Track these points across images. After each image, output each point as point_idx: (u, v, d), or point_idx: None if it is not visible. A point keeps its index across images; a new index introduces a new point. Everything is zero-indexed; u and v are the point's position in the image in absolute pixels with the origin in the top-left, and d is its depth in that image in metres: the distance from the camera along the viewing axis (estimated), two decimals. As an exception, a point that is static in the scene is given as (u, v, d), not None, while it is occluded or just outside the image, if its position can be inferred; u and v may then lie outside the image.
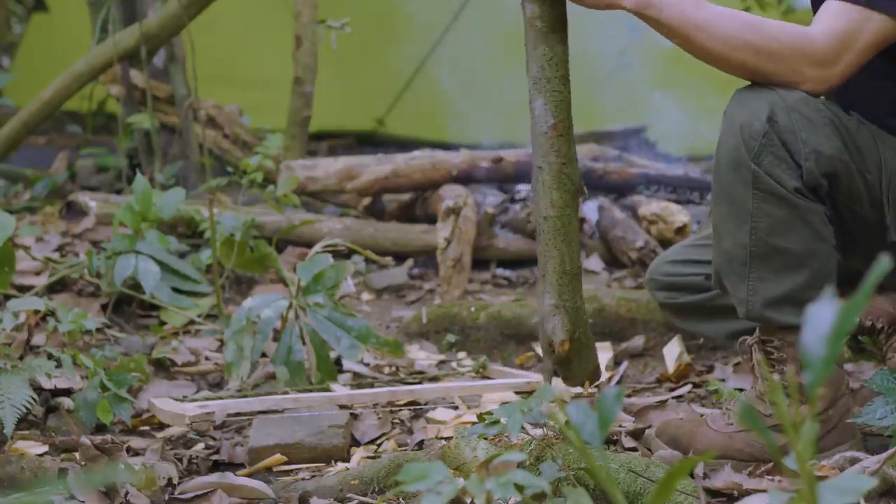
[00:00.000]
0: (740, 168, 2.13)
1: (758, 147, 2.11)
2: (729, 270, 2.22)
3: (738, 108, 2.15)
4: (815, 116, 2.14)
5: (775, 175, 2.11)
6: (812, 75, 2.12)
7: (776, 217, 2.13)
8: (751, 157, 2.11)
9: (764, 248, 2.16)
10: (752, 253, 2.17)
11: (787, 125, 2.10)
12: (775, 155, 2.11)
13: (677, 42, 2.20)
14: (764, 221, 2.14)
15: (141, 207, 3.55)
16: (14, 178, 5.04)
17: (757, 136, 2.11)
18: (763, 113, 2.11)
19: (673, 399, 2.78)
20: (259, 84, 6.08)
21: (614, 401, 1.25)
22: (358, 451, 2.58)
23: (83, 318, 2.98)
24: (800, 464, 1.04)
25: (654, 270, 2.77)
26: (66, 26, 6.43)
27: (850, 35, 2.11)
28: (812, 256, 2.16)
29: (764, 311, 2.20)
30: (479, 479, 1.44)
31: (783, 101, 2.11)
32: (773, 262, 2.16)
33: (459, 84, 5.62)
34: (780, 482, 2.07)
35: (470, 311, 3.33)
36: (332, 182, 4.35)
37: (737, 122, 2.13)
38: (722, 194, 2.19)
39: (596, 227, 4.12)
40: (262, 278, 3.81)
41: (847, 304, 1.02)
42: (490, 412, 2.16)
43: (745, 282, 2.19)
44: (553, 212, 2.32)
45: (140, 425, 2.75)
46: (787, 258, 2.16)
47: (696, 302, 2.66)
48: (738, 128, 2.13)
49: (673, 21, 2.16)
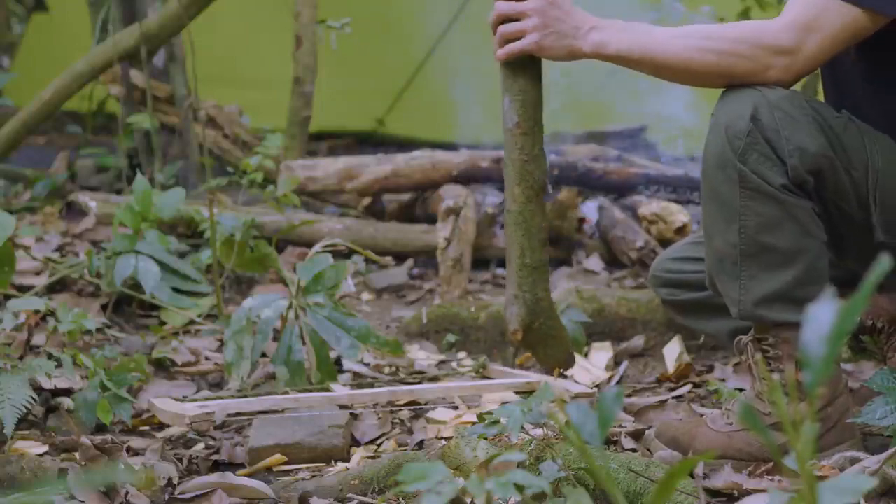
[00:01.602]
0: (726, 167, 2.15)
1: (743, 146, 2.13)
2: (720, 270, 2.23)
3: (722, 109, 2.18)
4: (799, 114, 2.15)
5: (761, 173, 2.13)
6: (776, 63, 2.15)
7: (764, 214, 2.14)
8: (736, 156, 2.13)
9: (753, 247, 2.16)
10: (742, 252, 2.18)
11: (771, 123, 2.12)
12: (760, 153, 2.12)
13: (646, 70, 2.27)
14: (752, 219, 2.15)
15: (141, 207, 3.54)
16: (14, 178, 5.04)
17: (741, 134, 2.13)
18: (747, 112, 2.13)
19: (673, 399, 2.78)
20: (259, 84, 6.08)
21: (614, 401, 1.25)
22: (358, 451, 2.58)
23: (83, 318, 2.98)
24: (800, 463, 1.04)
25: (657, 267, 2.78)
26: (66, 26, 6.43)
27: (810, 21, 2.14)
28: (802, 252, 2.16)
29: (756, 310, 2.20)
30: (479, 479, 1.44)
31: (766, 99, 2.13)
32: (763, 259, 2.17)
33: (459, 84, 5.62)
34: (780, 482, 2.07)
35: (470, 311, 3.33)
36: (332, 182, 4.35)
37: (721, 123, 2.16)
38: (710, 194, 2.20)
39: (596, 227, 4.12)
40: (262, 278, 3.81)
41: (847, 304, 1.02)
42: (490, 412, 2.16)
43: (737, 281, 2.20)
44: (515, 206, 2.44)
45: (140, 425, 2.75)
46: (777, 255, 2.16)
47: (698, 299, 2.66)
48: (723, 128, 2.15)
49: (632, 52, 2.24)
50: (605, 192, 4.33)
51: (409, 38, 6.26)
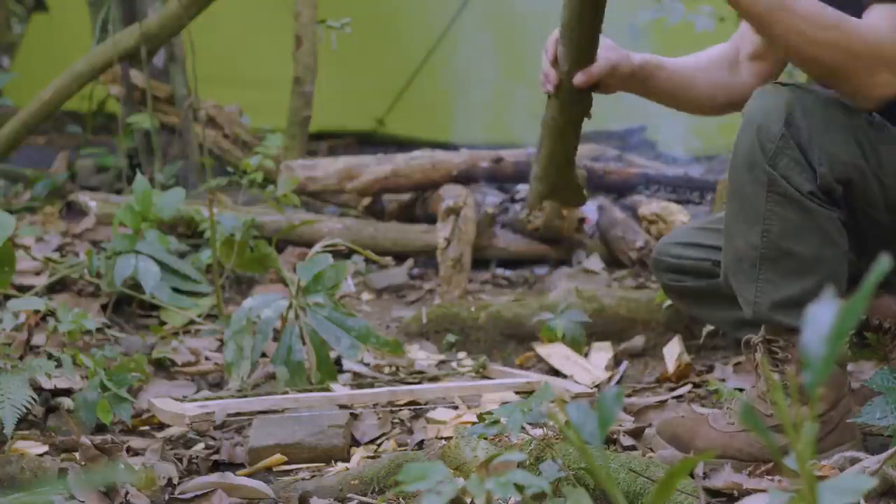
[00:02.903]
0: (755, 168, 2.11)
1: (774, 149, 2.08)
2: (738, 270, 2.20)
3: (756, 108, 2.12)
4: (832, 121, 2.11)
5: (790, 178, 2.09)
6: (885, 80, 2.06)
7: (789, 220, 2.11)
8: (766, 159, 2.09)
9: (775, 251, 2.14)
10: (762, 255, 2.15)
11: (805, 128, 2.08)
12: (791, 158, 2.08)
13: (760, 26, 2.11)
14: (776, 224, 2.12)
15: (141, 207, 3.54)
16: (14, 178, 5.04)
17: (774, 138, 2.08)
18: (781, 115, 2.08)
19: (673, 399, 2.78)
20: (259, 84, 6.08)
21: (614, 401, 1.25)
22: (358, 451, 2.58)
23: (83, 318, 2.98)
24: (800, 464, 1.04)
25: (661, 251, 2.67)
26: (66, 26, 6.43)
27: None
28: (822, 262, 2.14)
29: (771, 314, 2.18)
30: (479, 479, 1.44)
31: (801, 103, 2.09)
32: (783, 265, 2.15)
33: (459, 84, 5.62)
34: (780, 482, 2.07)
35: (470, 311, 3.33)
36: (332, 182, 4.36)
37: (754, 123, 2.11)
38: (735, 193, 2.17)
39: (596, 227, 4.12)
40: (262, 278, 3.81)
41: (847, 304, 1.02)
42: (490, 412, 2.16)
43: (754, 283, 2.17)
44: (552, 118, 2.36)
45: (140, 425, 2.75)
46: (797, 262, 2.14)
47: (703, 288, 2.59)
48: (756, 128, 2.10)
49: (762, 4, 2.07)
50: (605, 192, 4.33)
51: (409, 38, 6.26)
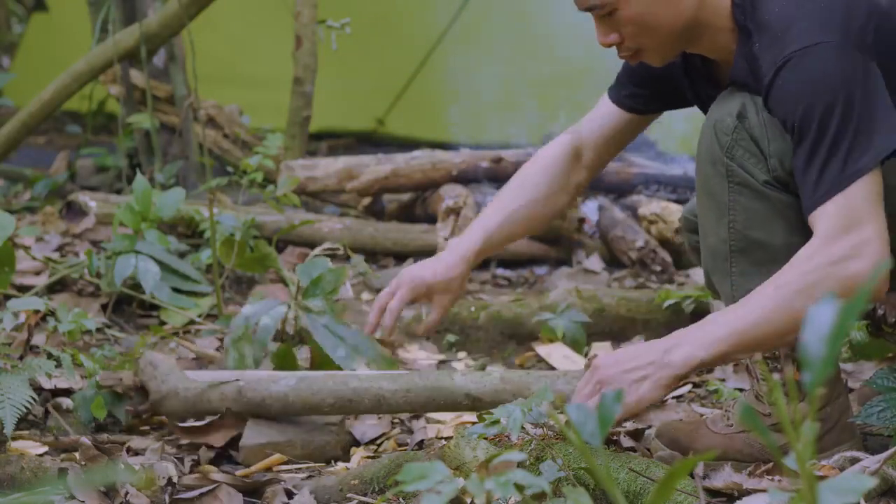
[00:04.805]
0: (716, 163, 2.17)
1: (729, 141, 2.15)
2: (714, 267, 2.23)
3: (714, 109, 2.20)
4: None
5: (747, 168, 2.15)
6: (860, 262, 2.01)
7: (751, 210, 2.15)
8: (724, 151, 2.15)
9: (742, 242, 2.17)
10: (731, 247, 2.18)
11: (756, 122, 2.14)
12: (745, 149, 2.14)
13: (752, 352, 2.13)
14: (741, 214, 2.16)
15: (141, 207, 3.54)
16: (14, 178, 5.04)
17: (728, 130, 2.15)
18: (734, 110, 2.15)
19: (673, 399, 2.78)
20: (259, 84, 6.08)
21: (614, 401, 1.25)
22: (358, 451, 2.58)
23: (83, 318, 2.98)
24: (800, 464, 1.04)
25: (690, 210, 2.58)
26: (66, 26, 6.43)
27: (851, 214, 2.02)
28: (791, 248, 2.14)
29: None
30: (479, 478, 1.44)
31: (754, 102, 2.14)
32: (753, 255, 2.17)
33: (459, 84, 5.62)
34: (780, 482, 2.07)
35: (470, 311, 3.33)
36: (332, 182, 4.36)
37: (712, 120, 2.18)
38: (703, 190, 2.22)
39: (596, 227, 4.12)
40: (262, 278, 3.81)
41: (847, 305, 1.02)
42: (490, 412, 2.16)
43: (728, 277, 2.20)
44: None
45: (140, 425, 2.75)
46: (765, 252, 2.16)
47: None
48: (713, 124, 2.17)
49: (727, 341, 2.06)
50: (605, 192, 4.33)
51: (409, 38, 6.26)
